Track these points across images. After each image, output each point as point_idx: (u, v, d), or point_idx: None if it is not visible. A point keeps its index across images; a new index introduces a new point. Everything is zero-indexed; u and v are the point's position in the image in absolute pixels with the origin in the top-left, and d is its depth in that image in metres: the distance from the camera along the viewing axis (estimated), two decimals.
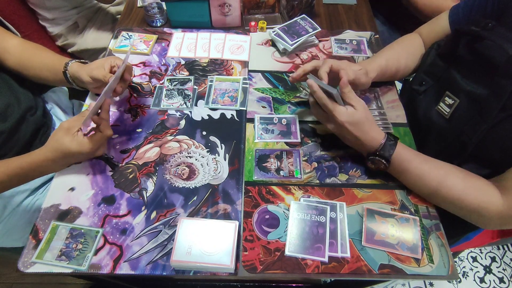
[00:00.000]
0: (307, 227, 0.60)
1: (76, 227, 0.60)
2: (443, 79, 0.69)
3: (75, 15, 1.13)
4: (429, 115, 0.70)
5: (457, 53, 0.66)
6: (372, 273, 0.56)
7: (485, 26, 0.59)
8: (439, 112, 0.68)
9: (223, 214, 0.63)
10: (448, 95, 0.65)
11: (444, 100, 0.66)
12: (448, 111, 0.65)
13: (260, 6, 0.98)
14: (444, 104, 0.66)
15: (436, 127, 0.69)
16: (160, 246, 0.59)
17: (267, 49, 0.92)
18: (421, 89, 0.74)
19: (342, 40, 0.93)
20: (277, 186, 0.66)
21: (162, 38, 0.93)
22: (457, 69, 0.66)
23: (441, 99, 0.67)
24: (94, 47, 1.17)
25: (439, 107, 0.67)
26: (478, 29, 0.59)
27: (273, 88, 0.83)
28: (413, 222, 0.61)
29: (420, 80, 0.74)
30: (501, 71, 0.55)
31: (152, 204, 0.63)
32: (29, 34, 1.08)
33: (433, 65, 0.72)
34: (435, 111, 0.69)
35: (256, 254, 0.58)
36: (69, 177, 0.66)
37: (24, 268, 0.56)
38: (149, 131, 0.74)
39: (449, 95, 0.65)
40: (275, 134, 0.74)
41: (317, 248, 0.58)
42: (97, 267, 0.56)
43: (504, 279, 1.36)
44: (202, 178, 0.67)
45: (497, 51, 0.57)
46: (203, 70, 0.86)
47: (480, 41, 0.61)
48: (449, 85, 0.66)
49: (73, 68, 0.72)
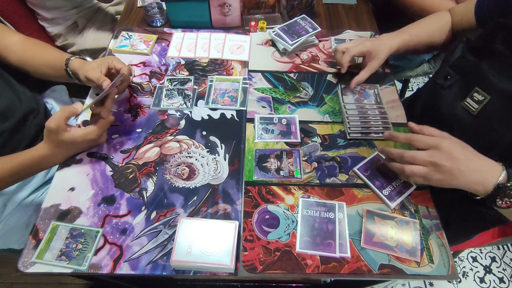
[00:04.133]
0: (317, 223, 0.61)
1: (76, 227, 0.60)
2: (472, 74, 0.66)
3: (74, 15, 1.13)
4: (454, 111, 0.67)
5: (491, 48, 0.62)
6: (372, 273, 0.56)
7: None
8: (465, 108, 0.64)
9: (223, 214, 0.63)
10: (478, 91, 0.62)
11: (473, 96, 0.63)
12: (477, 107, 0.62)
13: (260, 6, 0.98)
14: (472, 100, 0.63)
15: (461, 123, 0.66)
16: (160, 246, 0.59)
17: (267, 49, 0.92)
18: (446, 83, 0.70)
19: (342, 40, 0.93)
20: (277, 186, 0.66)
21: (162, 38, 0.93)
22: (489, 64, 0.63)
23: (468, 94, 0.64)
24: (93, 47, 1.17)
25: (465, 102, 0.64)
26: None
27: (273, 88, 0.83)
28: (412, 225, 0.61)
29: (445, 74, 0.71)
30: None
31: (152, 204, 0.63)
32: (29, 34, 1.06)
33: (462, 59, 0.68)
34: (460, 106, 0.65)
35: (256, 254, 0.58)
36: (69, 177, 0.66)
37: (24, 268, 0.56)
38: (149, 131, 0.74)
39: (479, 90, 0.62)
40: (275, 134, 0.74)
41: (327, 244, 0.59)
42: (97, 267, 0.56)
43: (504, 279, 1.36)
44: (202, 178, 0.67)
45: None
46: (203, 70, 0.86)
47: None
48: (479, 80, 0.63)
49: (74, 65, 0.73)
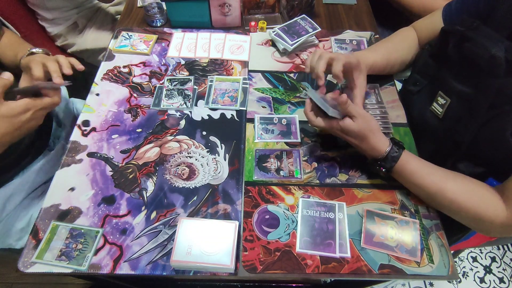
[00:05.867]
0: (317, 223, 0.61)
1: (76, 227, 0.60)
2: (436, 79, 0.70)
3: (75, 15, 1.13)
4: (424, 115, 0.70)
5: (447, 53, 0.65)
6: (372, 273, 0.56)
7: (470, 26, 0.59)
8: (433, 112, 0.68)
9: (223, 214, 0.63)
10: (441, 95, 0.66)
11: (437, 100, 0.66)
12: (441, 111, 0.65)
13: (260, 6, 0.98)
14: (437, 104, 0.66)
15: (430, 127, 0.69)
16: (160, 246, 0.59)
17: (267, 49, 0.92)
18: (415, 89, 0.74)
19: (342, 40, 0.93)
20: (277, 186, 0.66)
21: (162, 38, 0.93)
22: (448, 69, 0.66)
23: (434, 99, 0.67)
24: (93, 47, 1.18)
25: (432, 107, 0.68)
26: (463, 29, 0.59)
27: (273, 88, 0.83)
28: (412, 225, 0.61)
29: (414, 80, 0.75)
30: (485, 70, 0.56)
31: (152, 204, 0.63)
32: (29, 34, 1.07)
33: (426, 65, 0.72)
34: (429, 111, 0.69)
35: (256, 254, 0.58)
36: (69, 177, 0.66)
37: (24, 268, 0.56)
38: (149, 131, 0.74)
39: (442, 95, 0.65)
40: (275, 134, 0.74)
41: (327, 244, 0.59)
42: (97, 267, 0.56)
43: (504, 279, 1.36)
44: (202, 178, 0.67)
45: (481, 51, 0.57)
46: (203, 70, 0.86)
47: (467, 41, 0.60)
48: (441, 85, 0.66)
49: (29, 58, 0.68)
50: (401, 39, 0.80)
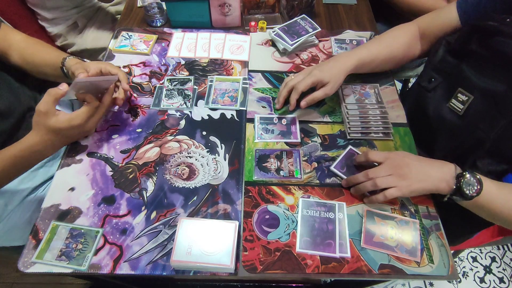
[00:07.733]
0: (317, 223, 0.61)
1: (76, 227, 0.60)
2: (454, 75, 0.68)
3: (75, 15, 1.13)
4: (440, 112, 0.69)
5: (469, 49, 0.64)
6: (372, 273, 0.56)
7: (503, 21, 0.58)
8: (451, 109, 0.66)
9: (223, 214, 0.63)
10: (461, 92, 0.64)
11: (457, 97, 0.65)
12: (462, 107, 0.64)
13: (260, 6, 0.98)
14: (456, 101, 0.65)
15: (448, 124, 0.67)
16: (160, 246, 0.59)
17: (267, 49, 0.92)
18: (430, 86, 0.72)
19: (342, 40, 0.93)
20: (277, 186, 0.66)
21: (162, 38, 0.93)
22: (469, 65, 0.65)
23: (453, 95, 0.66)
24: (93, 47, 1.17)
25: (451, 103, 0.66)
26: (497, 24, 0.58)
27: (273, 88, 0.83)
28: (412, 225, 0.61)
29: (429, 77, 0.73)
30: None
31: (152, 204, 0.63)
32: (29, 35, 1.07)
33: (443, 62, 0.70)
34: (446, 108, 0.67)
35: (256, 254, 0.58)
36: (69, 177, 0.66)
37: (24, 268, 0.56)
38: (149, 131, 0.74)
39: (462, 91, 0.64)
40: (275, 134, 0.74)
41: (327, 244, 0.59)
42: (97, 267, 0.56)
43: (504, 279, 1.36)
44: (202, 178, 0.67)
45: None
46: (203, 70, 0.86)
47: (494, 36, 0.59)
48: (461, 81, 0.65)
49: (69, 64, 0.73)
50: (397, 34, 0.78)
